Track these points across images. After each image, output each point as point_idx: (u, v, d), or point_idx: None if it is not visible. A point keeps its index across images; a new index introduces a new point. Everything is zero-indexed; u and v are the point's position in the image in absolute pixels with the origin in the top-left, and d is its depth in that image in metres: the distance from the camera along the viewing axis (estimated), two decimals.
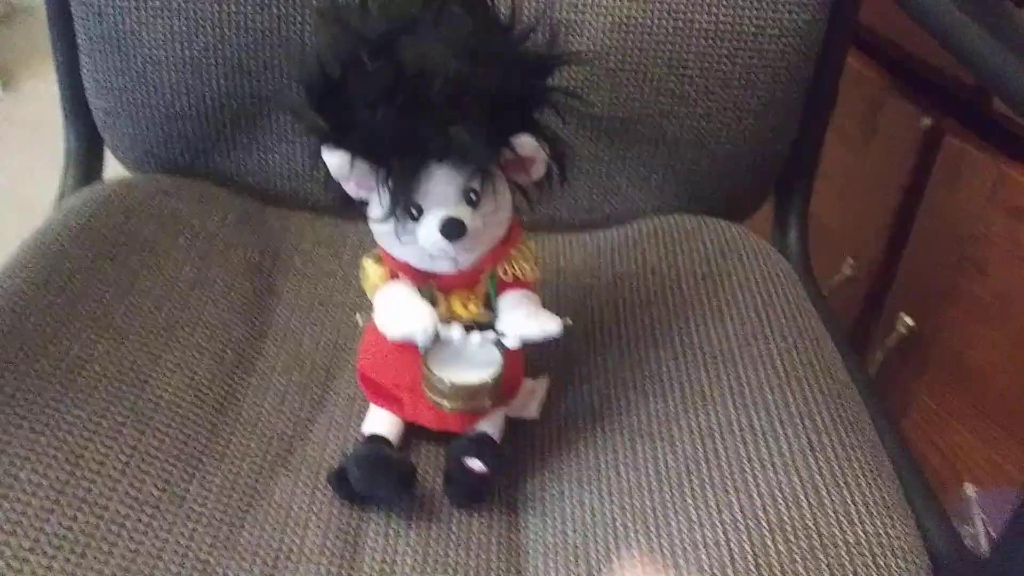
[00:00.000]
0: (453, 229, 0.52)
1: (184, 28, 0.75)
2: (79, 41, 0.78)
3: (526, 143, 0.54)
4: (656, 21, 0.75)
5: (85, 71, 0.79)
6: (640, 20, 0.75)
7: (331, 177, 0.54)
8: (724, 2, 0.74)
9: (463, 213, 0.53)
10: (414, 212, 0.53)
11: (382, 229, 0.55)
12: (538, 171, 0.56)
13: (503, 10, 0.55)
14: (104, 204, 0.74)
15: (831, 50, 0.79)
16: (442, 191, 0.52)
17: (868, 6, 0.83)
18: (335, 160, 0.52)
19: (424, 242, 0.53)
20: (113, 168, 0.86)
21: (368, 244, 0.76)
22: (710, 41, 0.75)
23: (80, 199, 0.75)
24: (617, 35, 0.76)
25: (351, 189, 0.55)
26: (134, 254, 0.71)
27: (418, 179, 0.52)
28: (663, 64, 0.76)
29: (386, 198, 0.52)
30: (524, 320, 0.58)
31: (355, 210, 0.57)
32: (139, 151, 0.82)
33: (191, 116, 0.79)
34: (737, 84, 0.77)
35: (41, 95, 2.01)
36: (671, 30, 0.75)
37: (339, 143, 0.52)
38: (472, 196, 0.53)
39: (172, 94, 0.78)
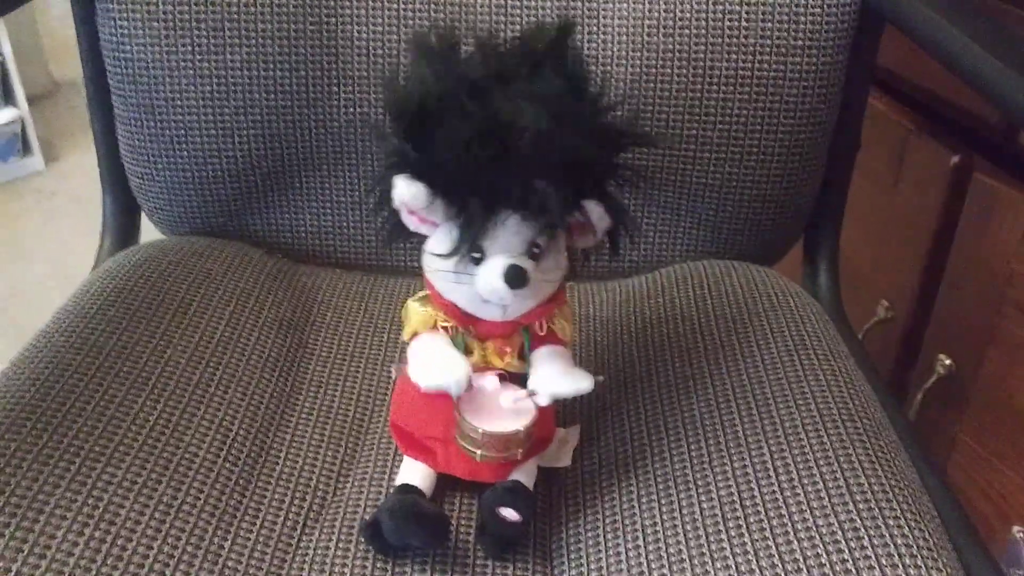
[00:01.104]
0: (517, 277, 0.53)
1: (215, 92, 0.77)
2: (115, 110, 0.81)
3: (595, 210, 0.55)
4: (675, 70, 0.76)
5: (121, 139, 0.82)
6: (660, 69, 0.76)
7: (386, 206, 0.55)
8: (743, 49, 0.75)
9: (526, 264, 0.53)
10: (476, 255, 0.54)
11: (440, 266, 0.55)
12: (594, 239, 0.57)
13: (596, 80, 0.56)
14: (139, 266, 0.76)
15: (853, 92, 0.79)
16: (509, 240, 0.53)
17: (891, 50, 0.84)
18: (414, 190, 0.53)
19: (483, 286, 0.54)
20: (150, 234, 0.88)
21: (397, 298, 0.77)
22: (730, 87, 0.76)
23: (116, 262, 0.77)
24: (638, 85, 0.77)
25: (411, 221, 0.56)
26: (169, 314, 0.72)
27: (489, 224, 0.53)
28: (684, 112, 0.77)
29: (452, 235, 0.53)
30: (557, 377, 0.58)
31: (402, 242, 0.57)
32: (174, 215, 0.84)
33: (223, 179, 0.81)
34: (759, 129, 0.77)
35: (83, 168, 2.07)
36: (690, 78, 0.76)
37: (423, 176, 0.53)
38: (535, 250, 0.54)
39: (204, 158, 0.80)
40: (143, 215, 0.88)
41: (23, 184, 2.07)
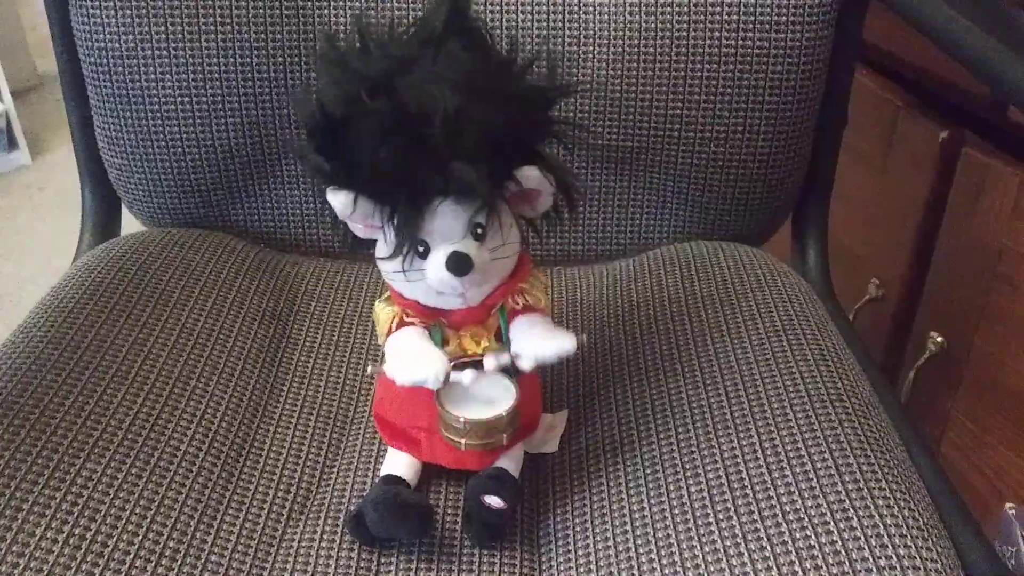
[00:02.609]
0: (459, 264, 0.52)
1: (191, 81, 0.76)
2: (91, 101, 0.79)
3: (530, 176, 0.53)
4: (658, 48, 0.75)
5: (98, 130, 0.81)
6: (642, 48, 0.75)
7: (339, 219, 0.54)
8: (726, 25, 0.74)
9: (469, 248, 0.52)
10: (420, 249, 0.53)
11: (389, 268, 0.55)
12: (545, 203, 0.56)
13: (504, 46, 0.55)
14: (118, 259, 0.75)
15: (839, 69, 0.78)
16: (448, 227, 0.52)
17: (877, 25, 0.83)
18: (339, 200, 0.52)
19: (431, 279, 0.53)
20: (131, 226, 0.87)
21: (382, 287, 0.76)
22: (713, 65, 0.75)
23: (95, 256, 0.76)
24: (620, 65, 0.76)
25: (358, 229, 0.55)
26: (149, 307, 0.71)
27: (423, 216, 0.52)
28: (668, 91, 0.76)
29: (392, 236, 0.52)
30: (538, 341, 0.57)
31: (366, 251, 0.57)
32: (153, 206, 0.83)
33: (202, 168, 0.80)
34: (744, 107, 0.76)
35: (71, 162, 2.05)
36: (673, 56, 0.75)
37: (343, 183, 0.52)
38: (478, 231, 0.53)
39: (182, 147, 0.79)
40: (124, 208, 0.87)
41: (10, 179, 2.06)
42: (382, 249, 0.55)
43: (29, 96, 2.29)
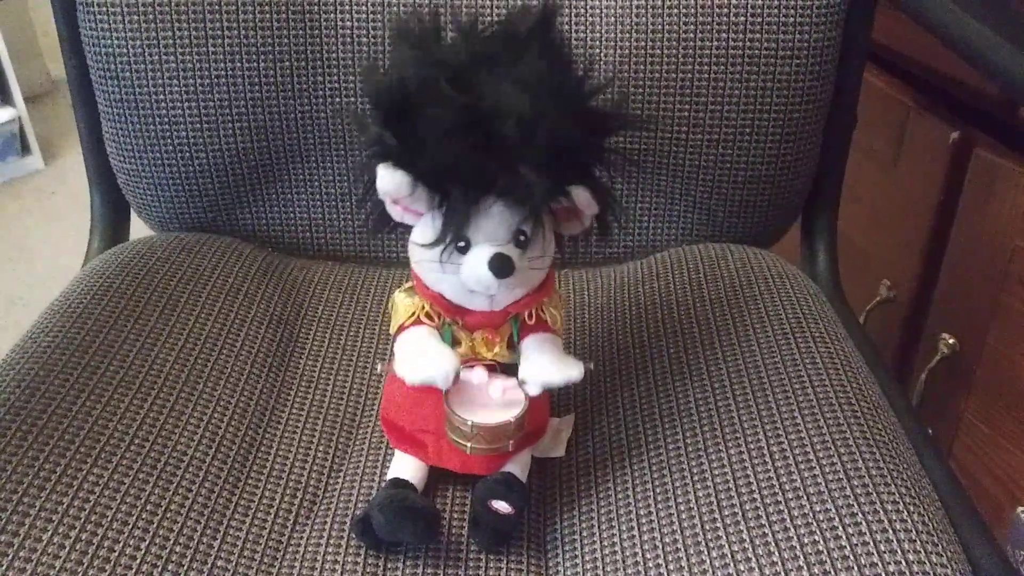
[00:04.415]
0: (502, 266, 0.52)
1: (198, 85, 0.76)
2: (99, 106, 0.80)
3: (582, 196, 0.54)
4: (665, 50, 0.75)
5: (106, 135, 0.81)
6: (649, 50, 0.75)
7: (370, 196, 0.54)
8: (733, 27, 0.74)
9: (512, 252, 0.52)
10: (461, 244, 0.53)
11: (425, 256, 0.54)
12: (582, 225, 0.56)
13: (582, 62, 0.55)
14: (126, 264, 0.75)
15: (848, 69, 0.78)
16: (494, 228, 0.52)
17: (887, 24, 0.82)
18: (394, 179, 0.51)
19: (468, 275, 0.53)
20: (140, 231, 0.87)
21: (390, 289, 0.76)
22: (721, 67, 0.75)
23: (103, 260, 0.76)
24: (627, 67, 0.75)
25: (395, 211, 0.54)
26: (157, 312, 0.71)
27: (474, 212, 0.52)
28: (675, 92, 0.75)
29: (436, 225, 0.52)
30: (547, 366, 0.57)
31: (387, 232, 0.56)
32: (162, 210, 0.83)
33: (210, 172, 0.80)
34: (752, 109, 0.76)
35: (81, 167, 2.06)
36: (680, 58, 0.75)
37: (405, 164, 0.52)
38: (521, 237, 0.53)
39: (190, 152, 0.79)
40: (132, 212, 0.87)
41: (23, 184, 2.07)
42: (422, 235, 0.54)
43: (42, 101, 2.30)
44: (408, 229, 0.56)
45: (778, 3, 0.73)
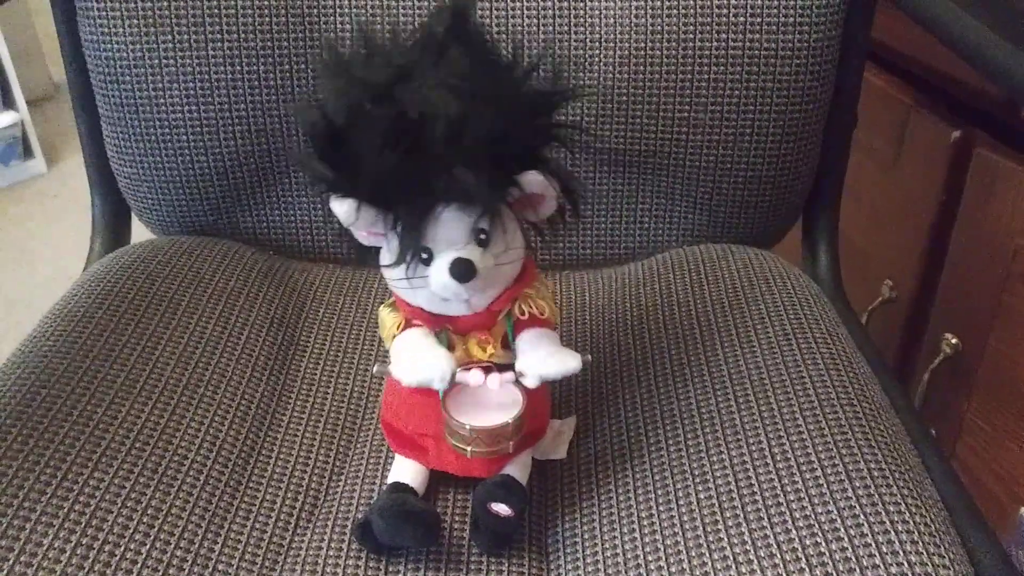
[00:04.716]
0: (462, 270, 0.52)
1: (198, 89, 0.76)
2: (100, 110, 0.80)
3: (533, 180, 0.53)
4: (664, 51, 0.75)
5: (107, 139, 0.81)
6: (648, 51, 0.75)
7: (343, 228, 0.54)
8: (733, 27, 0.74)
9: (473, 254, 0.52)
10: (424, 256, 0.53)
11: (393, 275, 0.54)
12: (548, 208, 0.56)
13: (508, 51, 0.55)
14: (127, 268, 0.75)
15: (848, 69, 0.77)
16: (451, 233, 0.52)
17: (886, 23, 0.82)
18: (342, 209, 0.52)
19: (435, 285, 0.53)
20: (141, 234, 0.87)
21: (389, 292, 0.76)
22: (720, 67, 0.74)
23: (104, 264, 0.76)
24: (626, 68, 0.75)
25: (362, 237, 0.55)
26: (158, 316, 0.71)
27: (426, 223, 0.52)
28: (675, 93, 0.75)
29: (395, 243, 0.52)
30: (543, 359, 0.57)
31: (374, 259, 0.57)
32: (163, 214, 0.83)
33: (211, 176, 0.80)
34: (752, 109, 0.76)
35: (84, 170, 2.07)
36: (680, 59, 0.75)
37: (346, 191, 0.52)
38: (482, 236, 0.53)
39: (191, 155, 0.79)
40: (133, 216, 0.87)
41: (25, 187, 2.07)
42: (386, 256, 0.55)
43: (44, 105, 2.31)
44: None
45: (777, 3, 0.73)
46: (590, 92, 0.75)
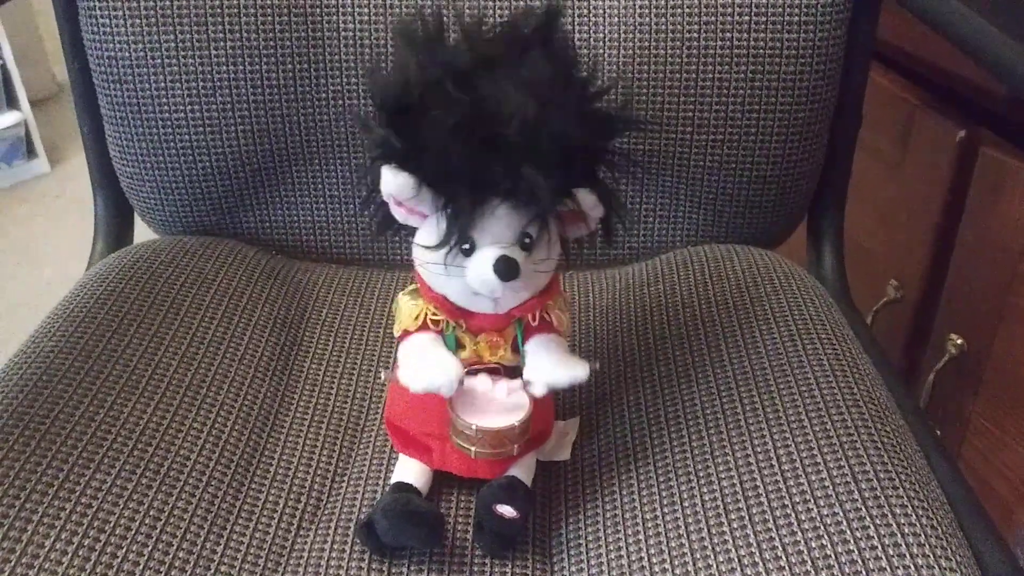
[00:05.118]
0: (508, 269, 0.51)
1: (201, 89, 0.76)
2: (102, 109, 0.79)
3: (587, 199, 0.53)
4: (669, 50, 0.74)
5: (109, 138, 0.81)
6: (654, 50, 0.74)
7: (374, 198, 0.54)
8: (738, 26, 0.73)
9: (516, 255, 0.52)
10: (466, 246, 0.52)
11: (429, 257, 0.54)
12: (586, 228, 0.56)
13: (586, 64, 0.55)
14: (130, 268, 0.75)
15: (853, 68, 0.77)
16: (499, 230, 0.52)
17: (892, 23, 0.82)
18: (399, 181, 0.51)
19: (473, 278, 0.53)
20: (144, 234, 0.87)
21: (394, 292, 0.76)
22: (726, 66, 0.74)
23: (107, 264, 0.76)
24: (632, 67, 0.75)
25: (399, 213, 0.54)
26: (160, 316, 0.71)
27: (479, 214, 0.51)
28: (679, 93, 0.75)
29: (443, 227, 0.52)
30: (552, 367, 0.57)
31: (391, 234, 0.56)
32: (166, 214, 0.83)
33: (213, 176, 0.80)
34: (757, 108, 0.75)
35: (87, 170, 2.06)
36: (685, 58, 0.74)
37: (409, 166, 0.52)
38: (526, 240, 0.53)
39: (193, 155, 0.79)
40: (136, 216, 0.87)
41: (29, 187, 2.07)
42: (426, 237, 0.54)
43: (48, 105, 2.31)
44: (412, 231, 0.56)
45: (783, 2, 0.73)
46: (655, 126, 0.75)
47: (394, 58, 0.52)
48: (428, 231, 0.54)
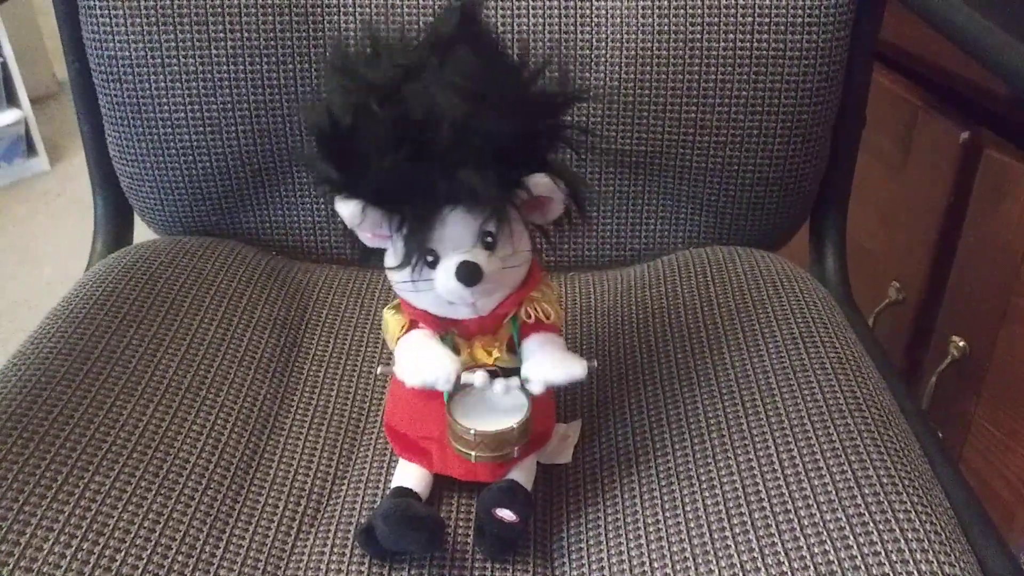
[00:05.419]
0: (469, 273, 0.51)
1: (201, 88, 0.76)
2: (102, 109, 0.79)
3: (540, 183, 0.53)
4: (672, 51, 0.74)
5: (109, 138, 0.80)
6: (656, 51, 0.74)
7: (346, 228, 0.53)
8: (740, 27, 0.73)
9: (479, 257, 0.52)
10: (429, 259, 0.52)
11: (398, 277, 0.54)
12: (555, 211, 0.55)
13: (515, 52, 0.54)
14: (129, 268, 0.75)
15: (856, 69, 0.77)
16: (457, 236, 0.51)
17: (895, 24, 0.81)
18: (347, 209, 0.51)
19: (441, 288, 0.52)
20: (143, 234, 0.86)
21: (394, 293, 0.75)
22: (728, 67, 0.74)
23: (106, 265, 0.76)
24: (634, 68, 0.75)
25: (367, 239, 0.54)
26: (159, 317, 0.71)
27: (432, 225, 0.51)
28: (682, 94, 0.75)
29: (400, 245, 0.52)
30: (548, 365, 0.56)
31: (378, 260, 0.56)
32: (165, 214, 0.82)
33: (214, 176, 0.80)
34: (760, 110, 0.75)
35: (87, 169, 2.06)
36: (688, 59, 0.74)
37: (351, 192, 0.51)
38: (488, 239, 0.52)
39: (193, 155, 0.78)
40: (136, 215, 0.86)
41: (29, 185, 2.07)
42: (391, 259, 0.54)
43: (48, 103, 2.31)
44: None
45: (786, 3, 0.72)
46: (597, 94, 0.75)
47: (323, 89, 0.52)
48: (392, 252, 0.54)
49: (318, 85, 0.76)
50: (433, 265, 0.52)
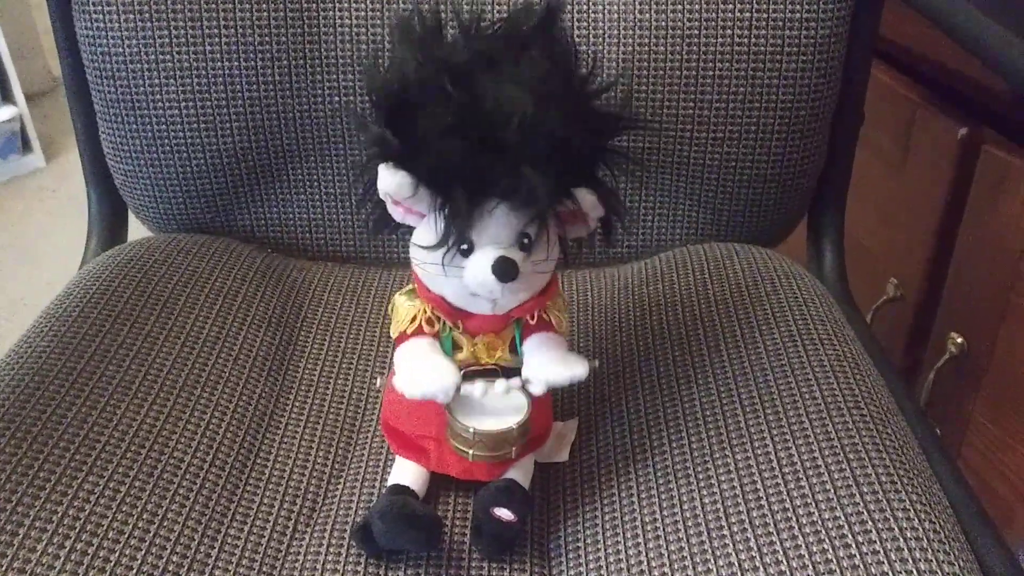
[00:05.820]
0: (506, 270, 0.51)
1: (195, 85, 0.75)
2: (96, 106, 0.79)
3: (587, 198, 0.53)
4: (670, 47, 0.74)
5: (103, 135, 0.80)
6: (653, 47, 0.74)
7: (371, 196, 0.53)
8: (738, 23, 0.73)
9: (515, 255, 0.51)
10: (464, 247, 0.52)
11: (427, 258, 0.53)
12: (586, 228, 0.55)
13: (586, 62, 0.54)
14: (123, 266, 0.74)
15: (855, 66, 0.76)
16: (497, 230, 0.51)
17: (894, 20, 0.81)
18: (398, 180, 0.50)
19: (471, 279, 0.52)
20: (138, 232, 0.86)
21: (391, 291, 0.75)
22: (726, 64, 0.73)
23: (100, 263, 0.75)
24: (631, 64, 0.74)
25: (397, 212, 0.54)
26: (154, 315, 0.70)
27: (477, 214, 0.51)
28: (679, 90, 0.74)
29: (441, 227, 0.51)
30: (550, 365, 0.56)
31: (388, 233, 0.56)
32: (160, 211, 0.82)
33: (208, 173, 0.79)
34: (758, 106, 0.75)
35: None
36: (685, 55, 0.74)
37: (403, 163, 0.51)
38: (525, 240, 0.52)
39: (188, 152, 0.78)
40: (130, 213, 0.86)
41: (24, 182, 2.06)
42: (423, 237, 0.53)
43: (43, 99, 2.30)
44: (409, 230, 0.55)
45: None
46: (656, 126, 0.74)
47: (391, 56, 0.51)
48: (425, 231, 0.53)
49: (313, 83, 0.76)
50: (466, 254, 0.52)
